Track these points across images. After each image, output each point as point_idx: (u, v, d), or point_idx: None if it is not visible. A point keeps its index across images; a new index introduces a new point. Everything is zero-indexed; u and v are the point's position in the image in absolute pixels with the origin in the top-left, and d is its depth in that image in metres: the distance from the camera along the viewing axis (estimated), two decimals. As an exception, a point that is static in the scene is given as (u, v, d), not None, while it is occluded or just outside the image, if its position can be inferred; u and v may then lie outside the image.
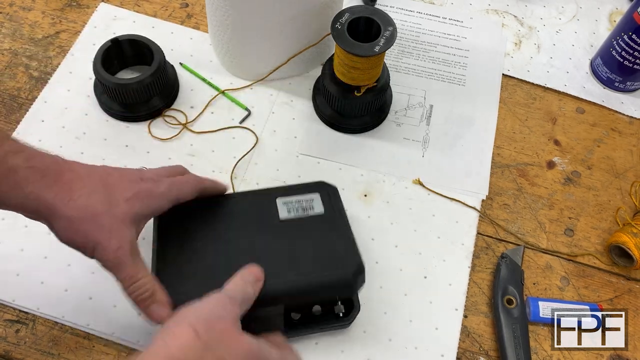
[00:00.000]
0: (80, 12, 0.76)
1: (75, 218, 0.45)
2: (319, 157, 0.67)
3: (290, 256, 0.52)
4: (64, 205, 0.45)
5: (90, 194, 0.46)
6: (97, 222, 0.45)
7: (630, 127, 0.74)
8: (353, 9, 0.62)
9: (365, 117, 0.69)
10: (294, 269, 0.51)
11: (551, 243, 0.65)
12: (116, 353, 0.55)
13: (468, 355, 0.58)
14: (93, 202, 0.46)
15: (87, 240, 0.46)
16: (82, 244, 0.46)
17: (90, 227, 0.45)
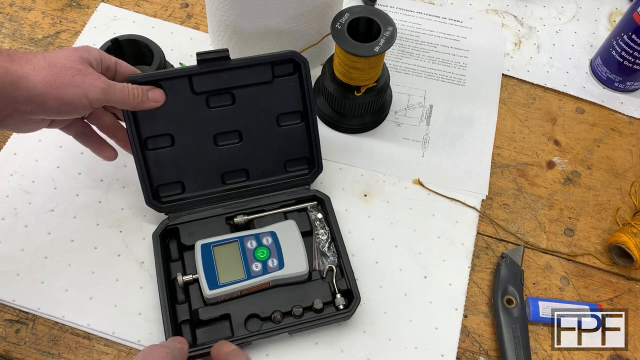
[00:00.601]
0: (80, 12, 0.76)
1: (49, 79, 0.47)
2: (319, 157, 0.67)
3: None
4: (32, 70, 0.47)
5: (46, 60, 0.49)
6: (71, 71, 0.48)
7: (630, 127, 0.74)
8: (353, 9, 0.62)
9: (365, 117, 0.69)
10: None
11: (551, 243, 0.65)
12: (116, 353, 0.55)
13: (468, 355, 0.58)
14: (55, 59, 0.49)
15: (75, 88, 0.48)
16: (72, 95, 0.48)
17: (67, 78, 0.48)
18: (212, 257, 0.56)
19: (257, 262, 0.56)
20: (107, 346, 0.55)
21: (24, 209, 0.61)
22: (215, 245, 0.56)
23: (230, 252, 0.56)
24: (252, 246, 0.56)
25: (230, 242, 0.57)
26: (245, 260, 0.56)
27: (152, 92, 0.55)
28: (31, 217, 0.61)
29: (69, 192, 0.63)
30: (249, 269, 0.55)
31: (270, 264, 0.56)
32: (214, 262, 0.55)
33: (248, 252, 0.56)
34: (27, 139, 0.66)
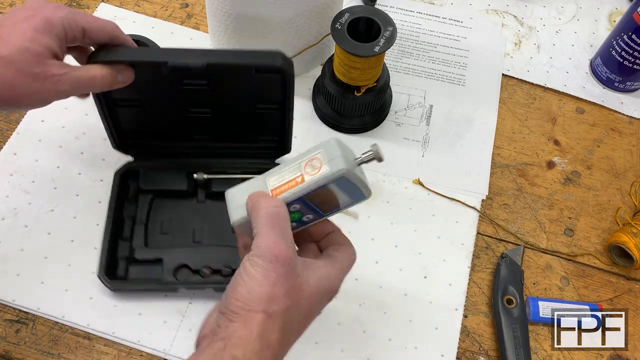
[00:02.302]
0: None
1: (3, 91, 0.44)
2: (319, 157, 0.67)
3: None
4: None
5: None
6: (27, 79, 0.44)
7: (630, 127, 0.74)
8: (353, 9, 0.62)
9: (365, 117, 0.69)
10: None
11: (551, 243, 0.65)
12: (116, 353, 0.55)
13: (468, 355, 0.58)
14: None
15: (32, 97, 0.45)
16: (31, 103, 0.46)
17: (23, 88, 0.44)
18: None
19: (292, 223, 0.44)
20: (107, 346, 0.55)
21: (23, 209, 0.61)
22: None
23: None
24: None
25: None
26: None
27: (121, 74, 0.51)
28: (31, 217, 0.61)
29: (69, 192, 0.63)
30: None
31: (306, 219, 0.45)
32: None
33: None
34: (27, 139, 0.66)
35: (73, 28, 0.47)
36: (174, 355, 0.55)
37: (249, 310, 0.36)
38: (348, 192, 0.42)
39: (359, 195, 0.43)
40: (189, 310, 0.57)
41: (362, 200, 0.44)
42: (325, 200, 0.43)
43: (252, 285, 0.37)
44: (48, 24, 0.45)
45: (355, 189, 0.42)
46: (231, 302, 0.37)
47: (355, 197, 0.43)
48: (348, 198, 0.43)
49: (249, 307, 0.36)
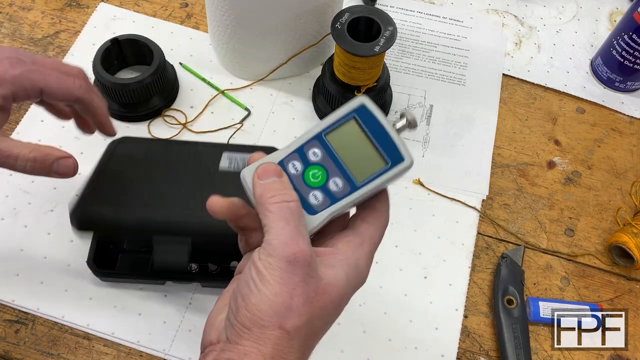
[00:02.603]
0: (80, 12, 0.76)
1: None
2: (319, 157, 0.67)
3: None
4: None
5: None
6: None
7: (631, 127, 0.74)
8: (353, 9, 0.62)
9: (365, 117, 0.69)
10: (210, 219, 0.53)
11: (551, 243, 0.65)
12: (116, 353, 0.55)
13: (468, 355, 0.58)
14: None
15: None
16: None
17: None
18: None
19: (315, 191, 0.37)
20: (107, 346, 0.55)
21: (23, 209, 0.61)
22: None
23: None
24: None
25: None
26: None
27: (59, 165, 0.44)
28: (31, 217, 0.61)
29: (68, 192, 0.63)
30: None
31: (334, 187, 0.36)
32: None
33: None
34: (26, 138, 0.65)
35: (27, 88, 0.43)
36: (173, 355, 0.55)
37: (262, 326, 0.31)
38: (379, 141, 0.35)
39: (395, 155, 0.35)
40: (189, 310, 0.57)
41: (402, 167, 0.35)
42: (352, 152, 0.36)
43: (265, 294, 0.31)
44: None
45: (386, 137, 0.35)
46: (241, 314, 0.32)
47: (393, 157, 0.35)
48: (382, 156, 0.35)
49: (262, 321, 0.31)
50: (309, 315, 0.32)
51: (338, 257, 0.35)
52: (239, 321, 0.32)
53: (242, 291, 0.33)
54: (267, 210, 0.34)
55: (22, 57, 0.44)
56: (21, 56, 0.44)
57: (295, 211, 0.34)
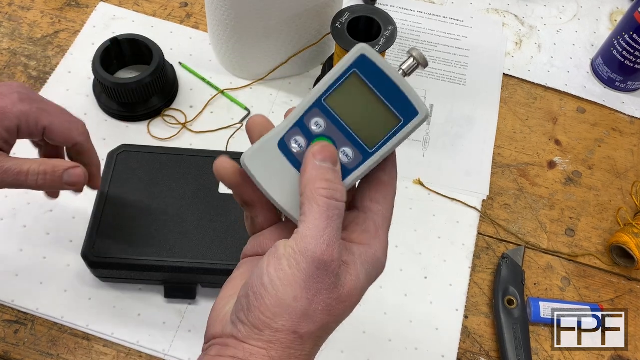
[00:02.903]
0: (80, 11, 0.76)
1: None
2: (319, 157, 0.67)
3: (215, 237, 0.55)
4: None
5: None
6: None
7: (631, 127, 0.73)
8: (353, 9, 0.62)
9: (366, 117, 0.69)
10: (217, 253, 0.54)
11: (552, 243, 0.64)
12: (115, 353, 0.55)
13: (469, 355, 0.57)
14: None
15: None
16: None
17: None
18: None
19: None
20: (106, 347, 0.55)
21: (22, 209, 0.61)
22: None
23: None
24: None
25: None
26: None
27: (70, 173, 0.45)
28: (30, 217, 0.60)
29: (67, 192, 0.62)
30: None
31: (344, 158, 0.33)
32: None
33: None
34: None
35: (31, 125, 0.44)
36: (173, 356, 0.55)
37: (275, 329, 0.29)
38: (387, 96, 0.32)
39: (407, 108, 0.32)
40: (188, 311, 0.57)
41: (417, 122, 0.32)
42: (359, 115, 0.32)
43: (283, 298, 0.29)
44: (0, 114, 0.43)
45: (394, 89, 0.31)
46: (254, 314, 0.30)
47: (405, 112, 0.32)
48: (392, 111, 0.32)
49: (276, 324, 0.29)
50: (326, 321, 0.30)
51: (356, 252, 0.32)
52: (250, 321, 0.30)
53: (256, 289, 0.30)
54: (314, 200, 0.30)
55: (32, 95, 0.45)
56: (31, 94, 0.45)
57: (341, 213, 0.31)
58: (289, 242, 0.30)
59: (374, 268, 0.32)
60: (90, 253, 0.54)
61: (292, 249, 0.30)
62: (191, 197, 0.57)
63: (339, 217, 0.30)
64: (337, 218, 0.30)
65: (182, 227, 0.55)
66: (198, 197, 0.57)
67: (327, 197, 0.30)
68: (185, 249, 0.54)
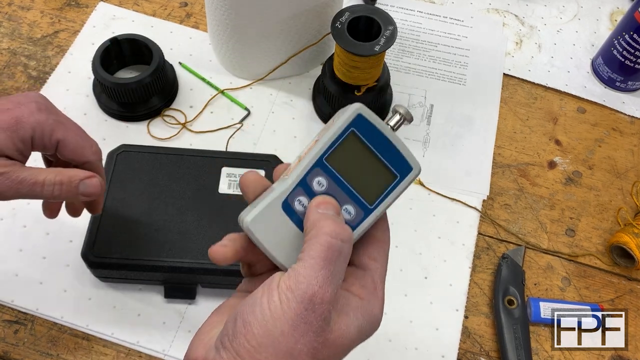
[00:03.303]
0: (79, 11, 0.76)
1: None
2: (319, 157, 0.67)
3: (215, 237, 0.53)
4: None
5: None
6: None
7: (632, 127, 0.73)
8: (353, 8, 0.62)
9: (366, 117, 0.68)
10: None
11: (552, 243, 0.64)
12: (115, 354, 0.55)
13: (469, 356, 0.57)
14: None
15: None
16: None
17: None
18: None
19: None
20: (106, 347, 0.55)
21: (22, 209, 0.61)
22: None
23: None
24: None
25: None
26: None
27: (86, 183, 0.43)
28: (29, 217, 0.60)
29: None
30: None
31: (347, 215, 0.34)
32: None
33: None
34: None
35: (45, 137, 0.43)
36: (172, 356, 0.55)
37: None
38: (384, 153, 0.33)
39: (402, 164, 0.34)
40: (188, 311, 0.57)
41: (412, 177, 0.34)
42: (359, 172, 0.33)
43: (270, 330, 0.29)
44: (15, 123, 0.42)
45: (389, 146, 0.33)
46: (239, 341, 0.29)
47: (400, 168, 0.34)
48: (389, 168, 0.34)
49: (259, 355, 0.29)
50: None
51: (352, 303, 0.32)
52: (234, 347, 0.29)
53: (245, 316, 0.30)
54: (316, 238, 0.30)
55: (49, 107, 0.44)
56: (49, 105, 0.44)
57: (344, 255, 0.31)
58: (284, 276, 0.30)
59: (368, 323, 0.32)
60: (90, 253, 0.54)
61: (285, 284, 0.30)
62: (191, 197, 0.57)
63: (339, 260, 0.30)
64: (337, 261, 0.30)
65: (182, 227, 0.55)
66: (198, 197, 0.57)
67: (330, 236, 0.30)
68: (185, 249, 0.54)
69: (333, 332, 0.30)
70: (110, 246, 0.54)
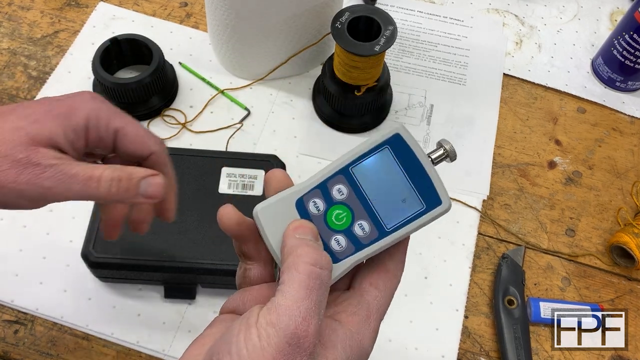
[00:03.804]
0: (79, 11, 0.76)
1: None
2: (319, 157, 0.67)
3: (215, 237, 0.55)
4: None
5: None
6: (4, 163, 0.34)
7: (632, 127, 0.73)
8: (353, 8, 0.62)
9: (366, 117, 0.69)
10: (217, 253, 0.54)
11: (552, 243, 0.64)
12: (115, 354, 0.55)
13: (469, 356, 0.57)
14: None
15: (7, 190, 0.34)
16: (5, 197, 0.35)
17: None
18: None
19: (338, 235, 0.32)
20: (106, 347, 0.55)
21: (22, 209, 0.61)
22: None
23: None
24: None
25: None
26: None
27: (148, 181, 0.37)
28: (29, 217, 0.60)
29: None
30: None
31: (359, 231, 0.32)
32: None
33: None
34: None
35: (101, 126, 0.37)
36: (172, 356, 0.55)
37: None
38: (414, 180, 0.32)
39: (431, 196, 0.32)
40: (188, 311, 0.57)
41: (438, 212, 0.32)
42: (383, 191, 0.32)
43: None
44: (67, 111, 0.36)
45: (422, 174, 0.32)
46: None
47: (428, 199, 0.32)
48: (417, 195, 0.32)
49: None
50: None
51: (340, 333, 0.29)
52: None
53: (221, 356, 0.27)
54: (295, 266, 0.28)
55: (104, 99, 0.39)
56: (103, 98, 0.39)
57: (324, 283, 0.28)
58: (263, 310, 0.27)
59: (356, 356, 0.29)
60: (90, 253, 0.54)
61: (264, 319, 0.27)
62: (191, 197, 0.57)
63: (320, 289, 0.28)
64: (319, 289, 0.28)
65: (182, 227, 0.55)
66: (198, 197, 0.57)
67: (310, 263, 0.28)
68: (185, 249, 0.54)
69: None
70: (110, 246, 0.54)
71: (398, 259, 0.33)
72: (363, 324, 0.30)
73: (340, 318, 0.30)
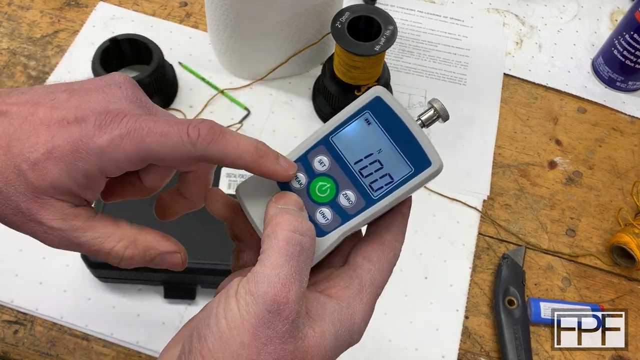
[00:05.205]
0: (79, 11, 0.76)
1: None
2: (319, 157, 0.67)
3: (215, 237, 0.55)
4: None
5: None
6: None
7: (632, 127, 0.73)
8: (353, 8, 0.62)
9: (366, 117, 0.68)
10: (217, 253, 0.54)
11: (552, 243, 0.64)
12: (115, 354, 0.55)
13: (469, 356, 0.57)
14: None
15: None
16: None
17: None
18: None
19: (323, 208, 0.31)
20: (106, 347, 0.55)
21: (22, 209, 0.61)
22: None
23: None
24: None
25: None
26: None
27: (164, 259, 0.32)
28: (29, 217, 0.60)
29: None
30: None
31: (345, 202, 0.31)
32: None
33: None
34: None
35: (120, 165, 0.28)
36: (173, 356, 0.55)
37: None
38: (399, 143, 0.30)
39: (419, 157, 0.30)
40: (188, 311, 0.57)
41: (429, 173, 0.30)
42: (367, 156, 0.30)
43: (230, 341, 0.25)
44: (73, 148, 0.28)
45: (407, 136, 0.30)
46: (194, 356, 0.26)
47: (416, 161, 0.30)
48: (403, 159, 0.30)
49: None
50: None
51: (328, 307, 0.28)
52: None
53: (200, 330, 0.26)
54: (274, 234, 0.27)
55: (139, 97, 0.32)
56: (143, 96, 0.32)
57: (306, 250, 0.27)
58: (244, 281, 0.26)
59: (346, 331, 0.28)
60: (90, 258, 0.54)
61: (243, 289, 0.26)
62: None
63: (301, 255, 0.27)
64: (299, 255, 0.27)
65: (182, 227, 0.55)
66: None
67: (289, 230, 0.27)
68: (185, 249, 0.54)
69: (306, 339, 0.26)
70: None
71: (396, 231, 0.31)
72: (354, 298, 0.29)
73: (331, 293, 0.29)
